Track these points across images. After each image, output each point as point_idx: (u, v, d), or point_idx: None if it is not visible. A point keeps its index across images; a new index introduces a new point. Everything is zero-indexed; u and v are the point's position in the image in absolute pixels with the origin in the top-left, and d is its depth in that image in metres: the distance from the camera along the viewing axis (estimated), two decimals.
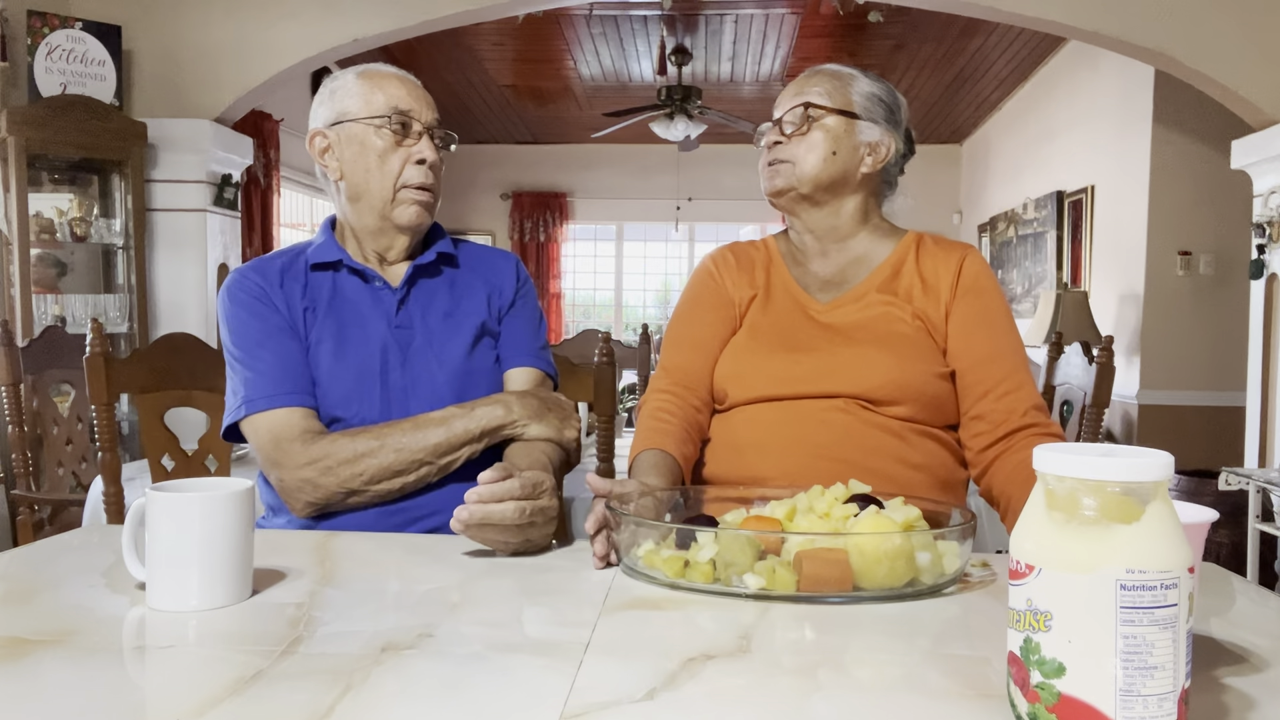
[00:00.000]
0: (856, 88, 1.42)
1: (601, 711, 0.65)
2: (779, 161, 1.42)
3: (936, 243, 1.44)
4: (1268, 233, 3.82)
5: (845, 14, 5.07)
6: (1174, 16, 3.81)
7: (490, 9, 4.07)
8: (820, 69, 1.45)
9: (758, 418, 1.34)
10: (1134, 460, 0.59)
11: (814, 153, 1.40)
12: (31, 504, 2.76)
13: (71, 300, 3.77)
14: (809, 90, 1.41)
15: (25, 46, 3.69)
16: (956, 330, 1.36)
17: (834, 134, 1.40)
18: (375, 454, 1.25)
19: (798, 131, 1.40)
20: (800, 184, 1.41)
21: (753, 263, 1.48)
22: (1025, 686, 0.61)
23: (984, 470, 1.33)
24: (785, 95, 1.44)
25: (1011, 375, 1.33)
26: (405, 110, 1.37)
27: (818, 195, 1.42)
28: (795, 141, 1.40)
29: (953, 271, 1.39)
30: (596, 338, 2.60)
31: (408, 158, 1.37)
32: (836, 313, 1.39)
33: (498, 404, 1.31)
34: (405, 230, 1.40)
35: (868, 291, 1.40)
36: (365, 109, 1.37)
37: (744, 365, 1.38)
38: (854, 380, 1.31)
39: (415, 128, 1.38)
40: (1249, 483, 3.16)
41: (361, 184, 1.37)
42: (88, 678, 0.71)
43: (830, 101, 1.40)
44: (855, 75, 1.44)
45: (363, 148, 1.37)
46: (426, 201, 1.39)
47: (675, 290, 8.97)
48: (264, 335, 1.33)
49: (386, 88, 1.38)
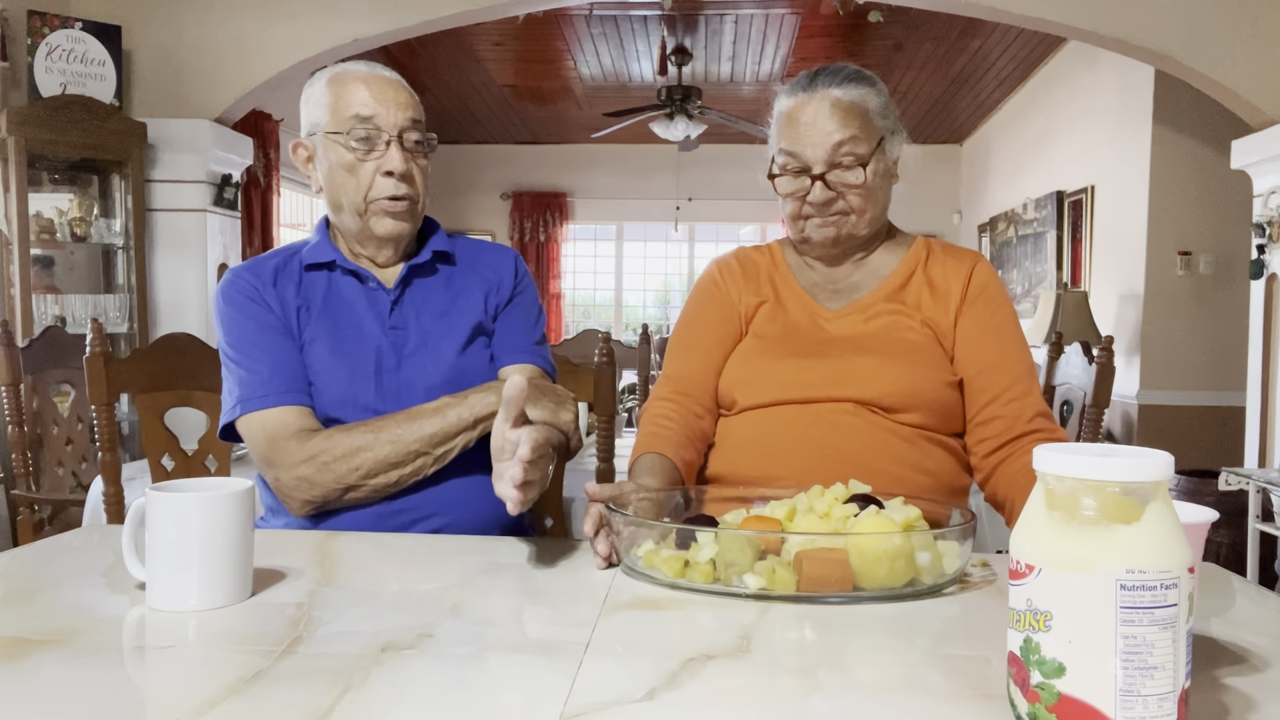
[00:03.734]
0: (873, 107, 1.36)
1: (601, 711, 0.65)
2: (840, 214, 1.35)
3: (945, 250, 1.43)
4: (1268, 233, 3.82)
5: (845, 14, 5.07)
6: (1174, 16, 3.81)
7: (490, 9, 4.07)
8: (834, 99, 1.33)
9: (766, 419, 1.33)
10: (1134, 460, 0.59)
11: (872, 196, 1.35)
12: (31, 504, 2.76)
13: (71, 300, 3.77)
14: (841, 130, 1.32)
15: (25, 46, 3.69)
16: (965, 337, 1.36)
17: (876, 168, 1.35)
18: (371, 447, 1.25)
19: (851, 184, 1.33)
20: (862, 229, 1.37)
21: (758, 269, 1.46)
22: (1025, 686, 0.61)
23: (988, 475, 1.32)
24: (808, 137, 1.33)
25: (1018, 382, 1.33)
26: (368, 116, 1.31)
27: (873, 232, 1.40)
28: (849, 191, 1.34)
29: (962, 279, 1.38)
30: (596, 338, 2.60)
31: (377, 169, 1.33)
32: (845, 320, 1.38)
33: (490, 391, 1.30)
34: (385, 241, 1.38)
35: (876, 300, 1.39)
36: (331, 120, 1.33)
37: (753, 371, 1.36)
38: (864, 386, 1.30)
39: (382, 137, 1.33)
40: (1249, 483, 3.15)
41: (337, 197, 1.36)
42: (88, 678, 0.71)
43: (866, 136, 1.33)
44: (864, 92, 1.35)
45: (333, 161, 1.34)
46: (399, 212, 1.35)
47: (675, 290, 8.97)
48: (258, 335, 1.33)
49: (351, 95, 1.33)
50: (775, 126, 1.40)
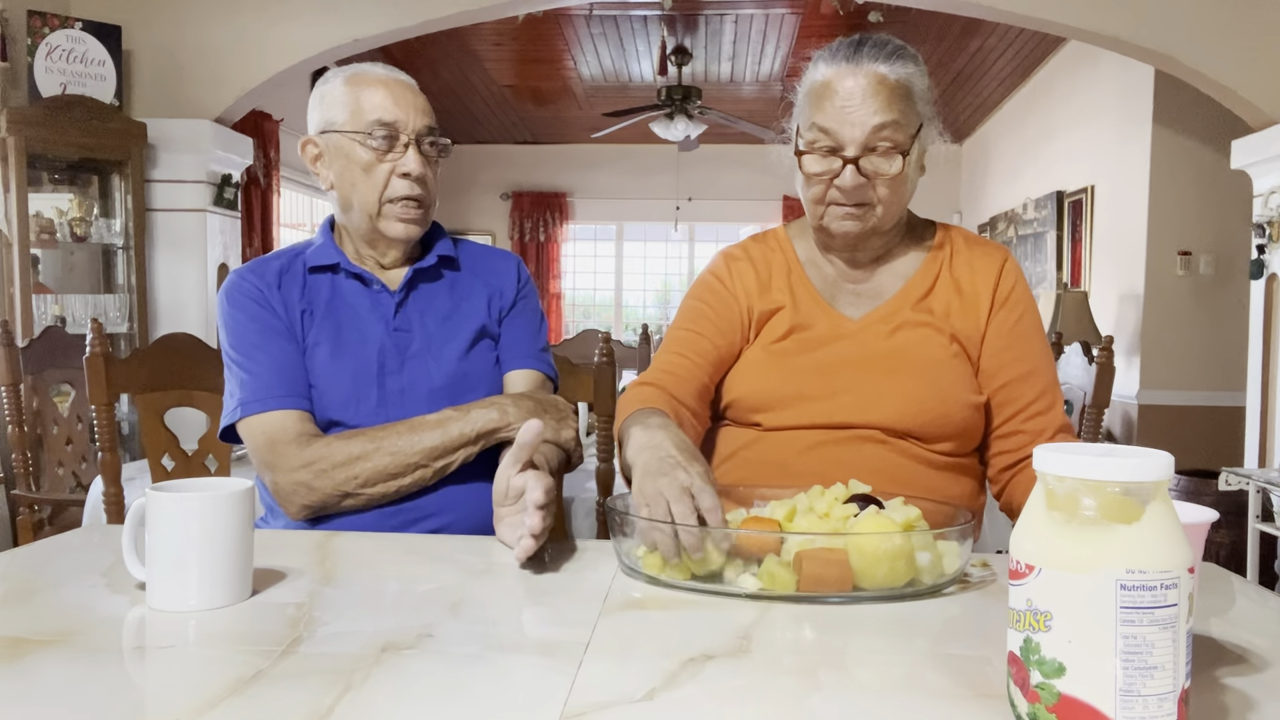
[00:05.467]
0: (918, 89, 1.24)
1: (601, 711, 0.65)
2: (864, 205, 1.24)
3: (969, 245, 1.35)
4: (1268, 233, 3.82)
5: (845, 14, 5.07)
6: (1174, 16, 3.81)
7: (490, 9, 4.07)
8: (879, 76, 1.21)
9: (792, 444, 1.27)
10: (1134, 460, 0.59)
11: (902, 188, 1.25)
12: (31, 504, 2.76)
13: (71, 300, 3.77)
14: (883, 112, 1.20)
15: (25, 46, 3.69)
16: (992, 348, 1.30)
17: (912, 157, 1.24)
18: (370, 457, 1.25)
19: (885, 173, 1.22)
20: (887, 223, 1.27)
21: (771, 267, 1.37)
22: (1025, 686, 0.61)
23: (1003, 487, 1.31)
24: (847, 115, 1.20)
25: (1042, 396, 1.29)
26: (390, 121, 1.33)
27: (895, 226, 1.31)
28: (879, 179, 1.23)
29: (990, 282, 1.31)
30: (596, 338, 2.59)
31: (393, 170, 1.34)
32: (870, 333, 1.30)
33: (493, 407, 1.30)
34: (395, 243, 1.38)
35: (902, 308, 1.31)
36: (349, 120, 1.34)
37: (776, 390, 1.28)
38: (894, 414, 1.24)
39: (401, 139, 1.34)
40: (1249, 483, 3.15)
41: (349, 196, 1.36)
42: (88, 678, 0.71)
43: (907, 122, 1.22)
44: (911, 72, 1.23)
45: (348, 160, 1.34)
46: (414, 214, 1.36)
47: (675, 290, 8.97)
48: (260, 337, 1.33)
49: (371, 96, 1.34)
50: (806, 96, 1.27)
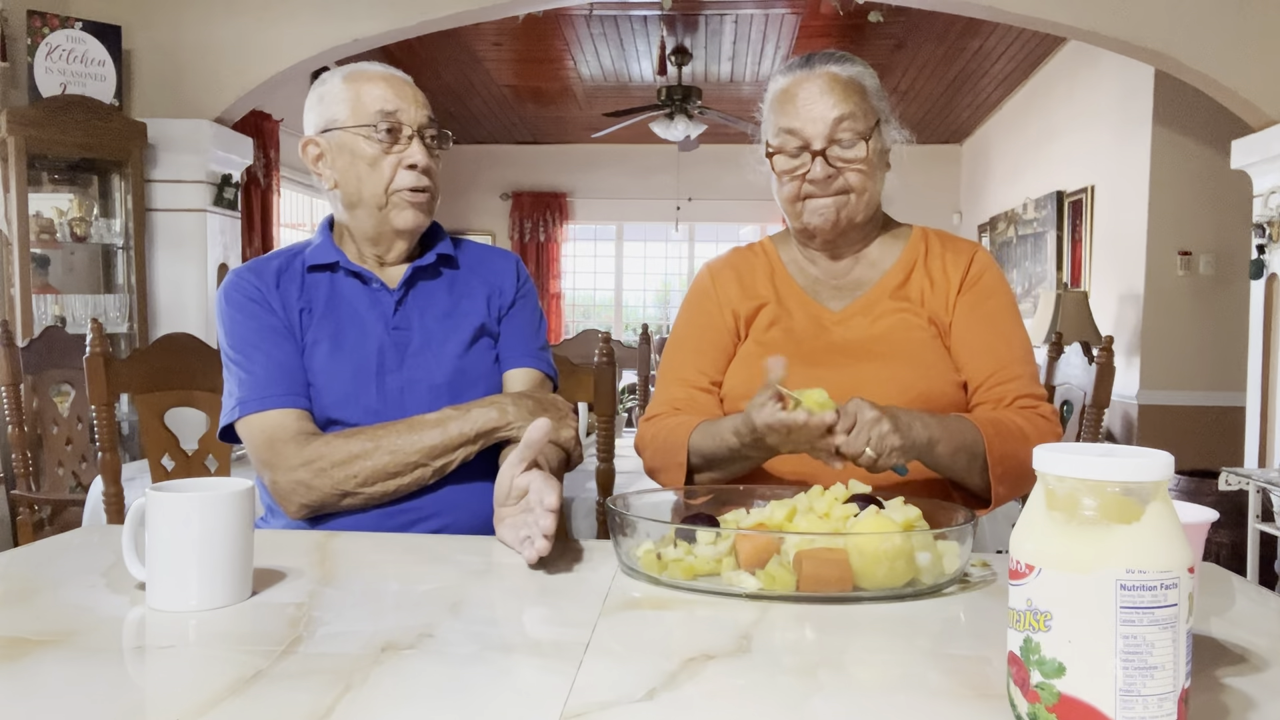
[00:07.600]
0: (869, 86, 1.35)
1: (601, 711, 0.65)
2: (841, 193, 1.32)
3: (944, 242, 1.42)
4: (1268, 233, 3.82)
5: (845, 14, 5.07)
6: (1174, 16, 3.81)
7: (490, 9, 4.07)
8: (832, 75, 1.33)
9: None
10: (1134, 460, 0.59)
11: (871, 176, 1.33)
12: (31, 504, 2.76)
13: (71, 300, 3.77)
14: (841, 105, 1.30)
15: (25, 46, 3.69)
16: (956, 327, 1.36)
17: (876, 147, 1.33)
18: (369, 456, 1.25)
19: (851, 160, 1.31)
20: (860, 212, 1.35)
21: (754, 271, 1.44)
22: (1025, 686, 0.61)
23: None
24: (808, 112, 1.31)
25: (1004, 368, 1.32)
26: (392, 112, 1.35)
27: (869, 218, 1.38)
28: (848, 168, 1.31)
29: (961, 269, 1.38)
30: (596, 338, 2.59)
31: (399, 162, 1.35)
32: (852, 323, 1.37)
33: (492, 406, 1.30)
34: (403, 234, 1.39)
35: (880, 298, 1.37)
36: (352, 116, 1.35)
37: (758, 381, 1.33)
38: (877, 396, 1.25)
39: (405, 131, 1.35)
40: (1249, 483, 3.15)
41: (355, 192, 1.36)
42: (88, 678, 0.71)
43: (864, 114, 1.32)
44: (860, 70, 1.35)
45: (353, 156, 1.35)
46: (422, 203, 1.37)
47: (675, 290, 8.97)
48: (259, 337, 1.33)
49: (372, 91, 1.35)
50: (771, 107, 1.37)
